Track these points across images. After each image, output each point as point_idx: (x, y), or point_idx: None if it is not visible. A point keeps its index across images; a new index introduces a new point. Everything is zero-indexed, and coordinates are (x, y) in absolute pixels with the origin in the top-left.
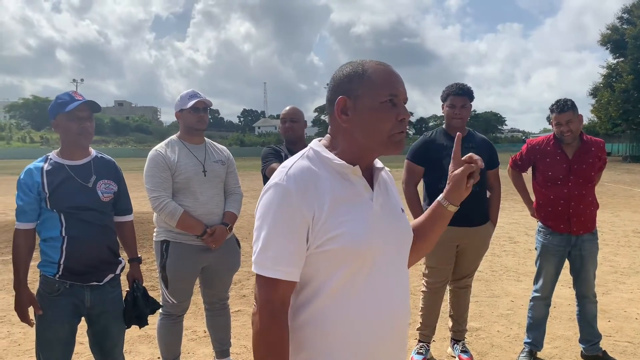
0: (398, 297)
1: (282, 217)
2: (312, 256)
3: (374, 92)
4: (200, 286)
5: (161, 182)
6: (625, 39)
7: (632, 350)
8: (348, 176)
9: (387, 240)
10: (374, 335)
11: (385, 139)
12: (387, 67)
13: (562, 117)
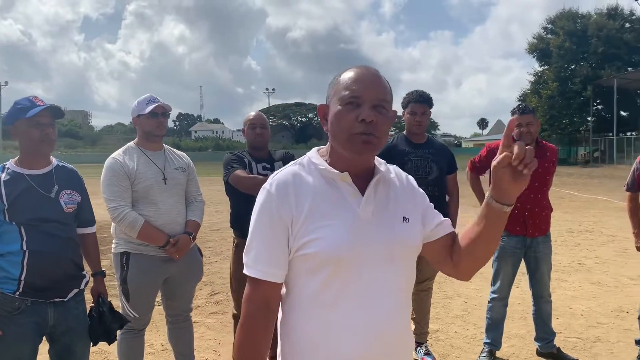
0: (385, 308)
1: (262, 219)
2: (293, 260)
3: (339, 95)
4: (162, 298)
5: (120, 192)
6: (550, 48)
7: (582, 346)
8: (335, 182)
9: (374, 248)
10: (356, 345)
11: (345, 139)
12: (358, 70)
13: (523, 118)
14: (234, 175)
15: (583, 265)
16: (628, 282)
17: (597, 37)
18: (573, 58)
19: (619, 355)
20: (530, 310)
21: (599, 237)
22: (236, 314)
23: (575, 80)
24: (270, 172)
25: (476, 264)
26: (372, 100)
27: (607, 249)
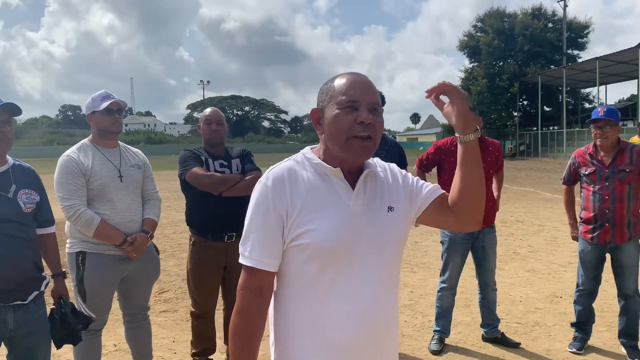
0: (374, 296)
1: (258, 212)
2: (287, 250)
3: (335, 100)
4: (119, 297)
5: (75, 190)
6: (480, 46)
7: (523, 330)
8: (329, 177)
9: (364, 239)
10: (346, 332)
11: (343, 141)
12: (352, 76)
13: None
14: (191, 173)
15: (518, 254)
16: (559, 268)
17: (523, 36)
18: (501, 55)
19: (556, 337)
20: (473, 298)
21: (530, 227)
22: (194, 311)
23: (503, 77)
24: (228, 169)
25: (473, 204)
26: (369, 103)
27: (538, 238)
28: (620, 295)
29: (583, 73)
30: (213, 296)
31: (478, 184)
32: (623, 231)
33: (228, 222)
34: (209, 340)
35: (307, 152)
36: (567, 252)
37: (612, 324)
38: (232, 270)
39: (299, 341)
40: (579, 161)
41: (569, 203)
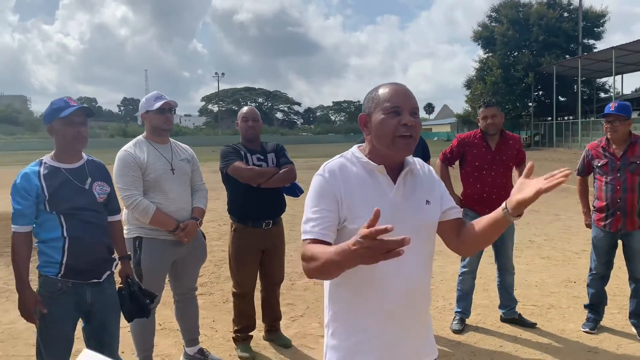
0: (413, 273)
1: (317, 196)
2: (340, 230)
3: (381, 106)
4: (170, 279)
5: (133, 181)
6: (495, 36)
7: (538, 312)
8: (374, 172)
9: (404, 226)
10: (390, 301)
11: (389, 141)
12: (394, 86)
13: (488, 110)
14: (233, 167)
15: (533, 242)
16: (573, 256)
17: (537, 26)
18: (516, 45)
19: (570, 319)
20: (490, 283)
21: (546, 216)
22: (235, 292)
23: (517, 67)
24: (264, 163)
25: (476, 248)
26: (410, 108)
27: (554, 227)
28: (631, 279)
29: (599, 63)
30: (253, 278)
31: (489, 243)
32: (634, 219)
33: (266, 211)
34: (250, 318)
35: (355, 151)
36: (581, 240)
37: (623, 306)
38: (270, 254)
39: (351, 307)
40: (592, 154)
41: (582, 193)
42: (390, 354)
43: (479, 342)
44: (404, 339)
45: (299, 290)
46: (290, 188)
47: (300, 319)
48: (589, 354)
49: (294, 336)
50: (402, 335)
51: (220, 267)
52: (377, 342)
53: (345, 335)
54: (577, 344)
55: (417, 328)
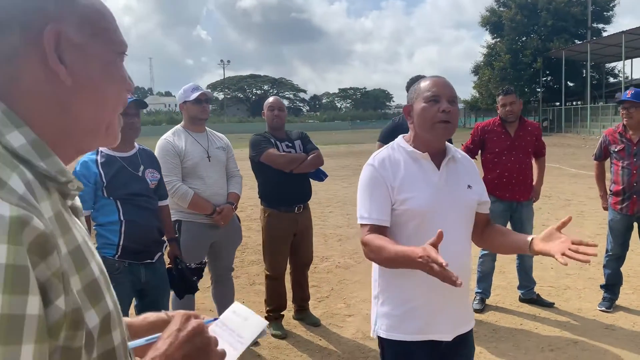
0: (457, 246)
1: (371, 184)
2: (392, 212)
3: (421, 96)
4: (208, 261)
5: (172, 168)
6: (503, 21)
7: (555, 293)
8: (419, 160)
9: (448, 206)
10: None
11: (429, 126)
12: (434, 78)
13: (507, 98)
14: (267, 154)
15: (547, 227)
16: (587, 239)
17: (546, 10)
18: (524, 31)
19: (586, 298)
20: (507, 266)
21: (557, 201)
22: (268, 274)
23: (526, 52)
24: (293, 149)
25: (492, 250)
26: (448, 97)
27: (566, 211)
28: None
29: (608, 47)
30: (285, 260)
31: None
32: None
33: (297, 196)
34: (282, 298)
35: (400, 141)
36: (594, 224)
37: (637, 287)
38: (301, 237)
39: (399, 280)
40: (609, 139)
41: (599, 177)
42: (435, 321)
43: (499, 320)
44: (446, 309)
45: (322, 273)
46: (315, 173)
47: (326, 299)
48: (606, 331)
49: (321, 316)
50: (445, 305)
51: (243, 252)
52: (422, 311)
53: (394, 305)
54: (594, 321)
55: (458, 300)
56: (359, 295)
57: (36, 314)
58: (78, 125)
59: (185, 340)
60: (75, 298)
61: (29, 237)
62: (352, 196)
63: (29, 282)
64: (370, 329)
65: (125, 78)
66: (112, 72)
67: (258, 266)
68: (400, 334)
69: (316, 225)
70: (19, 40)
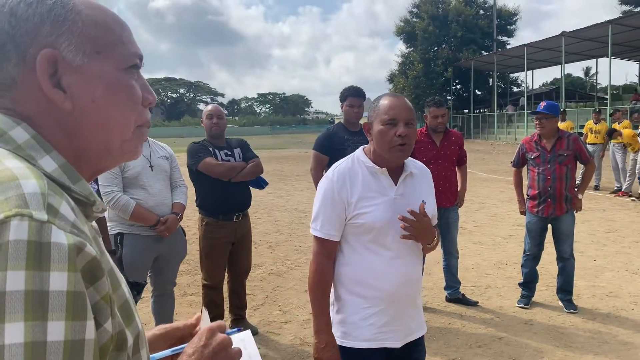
0: (409, 260)
1: (326, 198)
2: (347, 226)
3: (380, 117)
4: (151, 275)
5: (112, 178)
6: (416, 31)
7: (478, 292)
8: (377, 175)
9: (396, 217)
10: (389, 284)
11: (388, 149)
12: (392, 98)
13: (440, 110)
14: (204, 163)
15: (465, 229)
16: (502, 240)
17: (456, 22)
18: (436, 41)
19: (506, 296)
20: (432, 267)
21: (472, 204)
22: (206, 283)
23: (437, 61)
24: (232, 158)
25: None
26: (405, 120)
27: (481, 214)
28: (559, 258)
29: (512, 59)
30: (223, 269)
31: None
32: (562, 205)
33: (236, 204)
34: (219, 308)
35: (360, 155)
36: (508, 226)
37: (549, 284)
38: (240, 245)
39: (354, 290)
40: (526, 147)
41: (517, 183)
42: (388, 329)
43: (429, 320)
44: (400, 317)
45: (255, 281)
46: (256, 180)
47: (262, 307)
48: (525, 326)
49: (258, 324)
50: (398, 314)
51: None
52: (375, 319)
53: (349, 312)
54: (514, 317)
55: (411, 309)
56: (294, 302)
57: (93, 338)
58: (90, 147)
59: (209, 357)
60: (120, 320)
61: (81, 262)
62: (277, 202)
63: (87, 308)
64: (307, 334)
65: (137, 95)
66: (118, 91)
67: (188, 276)
68: (353, 341)
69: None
70: (16, 69)
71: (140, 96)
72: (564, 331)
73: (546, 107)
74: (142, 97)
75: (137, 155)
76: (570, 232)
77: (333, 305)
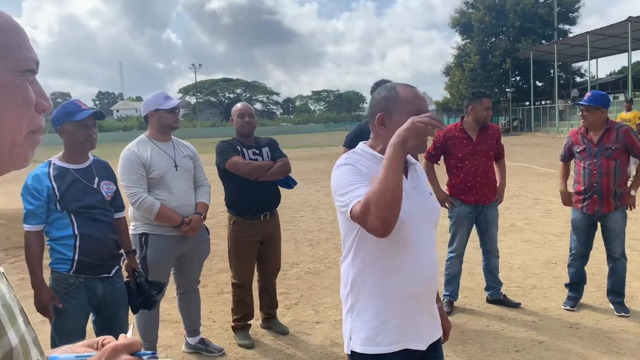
0: (431, 253)
1: (347, 173)
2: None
3: (405, 109)
4: (174, 272)
5: (137, 179)
6: (472, 23)
7: (522, 293)
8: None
9: (421, 212)
10: (417, 282)
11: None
12: (413, 89)
13: (490, 102)
14: (231, 162)
15: (515, 226)
16: (553, 238)
17: (514, 12)
18: (492, 32)
19: (552, 298)
20: (475, 267)
21: (526, 200)
22: (235, 282)
23: (495, 53)
24: (260, 157)
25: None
26: (426, 111)
27: (534, 211)
28: (609, 258)
29: (574, 47)
30: (252, 268)
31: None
32: (609, 201)
33: (263, 203)
34: (249, 307)
35: (366, 148)
36: (561, 223)
37: (601, 285)
38: (268, 245)
39: (376, 291)
40: (573, 140)
41: (563, 176)
42: (410, 331)
43: (467, 322)
44: (422, 317)
45: (291, 280)
46: (285, 180)
47: (295, 307)
48: (570, 330)
49: (289, 323)
50: (420, 314)
51: (211, 260)
52: (398, 320)
53: (369, 317)
54: (559, 320)
55: (432, 307)
56: (328, 302)
57: None
58: None
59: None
60: None
61: None
62: (324, 200)
63: None
64: (338, 335)
65: (31, 98)
66: (10, 92)
67: (226, 274)
68: (377, 347)
69: (287, 230)
70: None
71: (33, 100)
72: (612, 336)
73: (589, 99)
74: (37, 102)
75: (28, 162)
76: (620, 231)
77: (350, 312)
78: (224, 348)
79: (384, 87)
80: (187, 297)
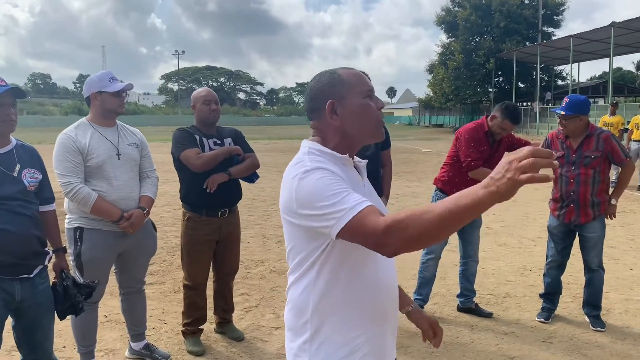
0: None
1: (329, 181)
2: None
3: (356, 90)
4: (116, 271)
5: (72, 167)
6: (457, 21)
7: (495, 301)
8: (346, 166)
9: None
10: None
11: (374, 126)
12: (354, 70)
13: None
14: (184, 154)
15: (491, 229)
16: (529, 243)
17: (499, 12)
18: (477, 31)
19: (525, 308)
20: (448, 272)
21: (503, 203)
22: (187, 283)
23: (479, 52)
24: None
25: None
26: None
27: (510, 214)
28: (586, 269)
29: (557, 50)
30: (206, 269)
31: None
32: (587, 212)
33: (222, 199)
34: (201, 311)
35: (318, 147)
36: (538, 227)
37: (577, 295)
38: (224, 244)
39: (342, 314)
40: (551, 143)
41: None
42: (378, 352)
43: None
44: (389, 339)
45: (254, 279)
46: None
47: (255, 309)
48: (543, 345)
49: (247, 328)
50: (387, 332)
51: (173, 255)
52: (368, 345)
53: (336, 347)
54: (532, 333)
55: (395, 323)
56: None
57: None
58: None
59: None
60: None
61: None
62: None
63: None
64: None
65: None
66: None
67: None
68: None
69: (257, 225)
70: None
71: None
72: (587, 352)
73: (566, 106)
74: None
75: None
76: (597, 241)
77: (309, 344)
78: (172, 355)
79: (321, 74)
80: (131, 298)
